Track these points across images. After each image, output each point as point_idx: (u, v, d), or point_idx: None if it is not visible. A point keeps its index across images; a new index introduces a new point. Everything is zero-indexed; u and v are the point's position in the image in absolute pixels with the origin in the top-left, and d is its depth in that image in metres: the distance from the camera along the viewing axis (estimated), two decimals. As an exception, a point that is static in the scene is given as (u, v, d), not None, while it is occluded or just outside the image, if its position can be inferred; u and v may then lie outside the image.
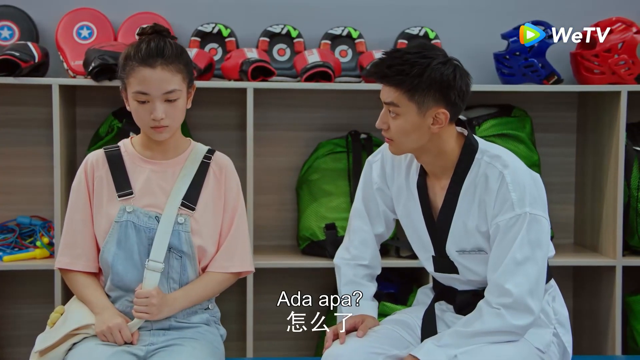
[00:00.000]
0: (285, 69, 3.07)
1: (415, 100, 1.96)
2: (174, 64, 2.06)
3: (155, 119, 2.04)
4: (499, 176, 1.99)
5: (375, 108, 3.17)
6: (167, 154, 2.16)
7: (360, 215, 2.23)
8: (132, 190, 2.11)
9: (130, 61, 2.06)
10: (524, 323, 1.95)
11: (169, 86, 2.05)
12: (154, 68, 2.04)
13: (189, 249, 2.10)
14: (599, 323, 3.07)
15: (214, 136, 3.10)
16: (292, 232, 3.19)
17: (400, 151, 2.06)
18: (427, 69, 1.94)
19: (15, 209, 3.07)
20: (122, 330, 2.03)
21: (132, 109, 2.08)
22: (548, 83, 2.99)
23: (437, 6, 3.20)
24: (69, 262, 2.13)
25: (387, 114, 2.02)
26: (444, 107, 1.97)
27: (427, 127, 1.98)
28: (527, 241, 1.94)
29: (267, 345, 3.17)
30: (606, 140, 3.02)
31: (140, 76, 2.04)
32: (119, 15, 3.08)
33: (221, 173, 2.18)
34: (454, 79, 1.96)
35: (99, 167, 2.14)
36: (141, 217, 2.09)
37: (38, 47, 2.86)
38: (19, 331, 3.14)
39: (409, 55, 1.96)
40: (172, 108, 2.06)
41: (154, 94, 2.04)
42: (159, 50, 2.05)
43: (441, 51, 2.01)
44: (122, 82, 2.10)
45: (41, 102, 3.01)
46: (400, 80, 1.95)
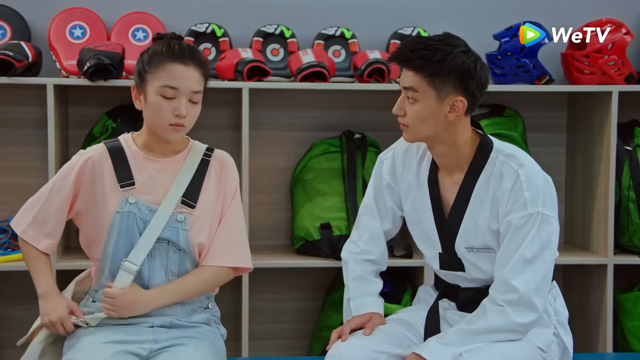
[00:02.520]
0: (279, 69, 3.07)
1: (435, 86, 1.97)
2: (202, 68, 2.11)
3: (180, 115, 2.05)
4: (514, 175, 2.01)
5: (369, 108, 3.24)
6: (167, 153, 2.17)
7: (370, 211, 2.24)
8: (134, 180, 2.11)
9: (159, 56, 2.07)
10: (527, 320, 1.96)
11: (197, 86, 2.09)
12: (187, 66, 2.07)
13: (186, 246, 2.11)
14: (590, 321, 3.10)
15: (208, 136, 3.07)
16: (287, 231, 3.20)
17: (415, 138, 2.06)
18: (449, 55, 1.96)
19: (8, 209, 3.03)
20: (65, 323, 2.08)
21: (152, 105, 2.07)
22: (539, 83, 3.02)
23: (429, 7, 3.22)
24: (33, 237, 2.14)
25: (404, 100, 2.03)
26: (462, 95, 1.99)
27: (444, 114, 2.00)
28: (537, 240, 1.96)
29: (262, 344, 3.17)
30: (597, 139, 3.06)
31: (172, 71, 2.06)
32: (111, 14, 3.06)
33: (222, 169, 2.19)
34: (474, 69, 1.99)
35: (101, 162, 2.13)
36: (142, 210, 2.10)
37: (31, 46, 2.84)
38: (12, 333, 3.11)
39: (432, 41, 1.99)
40: (193, 109, 2.09)
41: (183, 90, 2.06)
42: (192, 51, 2.10)
43: (463, 42, 2.03)
44: (142, 78, 2.09)
45: (34, 102, 2.99)
46: (422, 64, 1.97)
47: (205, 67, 2.13)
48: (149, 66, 2.08)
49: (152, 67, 2.08)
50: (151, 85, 2.08)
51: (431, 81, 1.98)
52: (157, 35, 2.15)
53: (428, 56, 1.96)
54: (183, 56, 2.07)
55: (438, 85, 1.98)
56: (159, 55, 2.08)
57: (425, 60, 1.96)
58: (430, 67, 1.97)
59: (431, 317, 2.12)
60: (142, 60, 2.11)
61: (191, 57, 2.08)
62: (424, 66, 1.97)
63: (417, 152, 2.17)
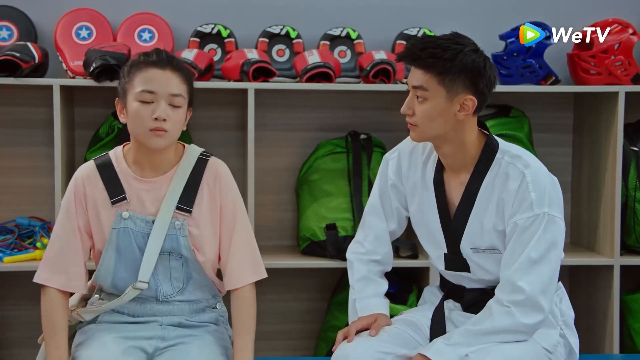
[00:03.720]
0: (285, 70, 3.07)
1: (445, 85, 1.98)
2: (182, 72, 2.07)
3: (158, 118, 1.99)
4: (520, 175, 2.01)
5: (375, 109, 3.24)
6: (158, 170, 2.11)
7: (376, 211, 2.24)
8: (125, 195, 2.08)
9: (137, 64, 2.06)
10: (533, 321, 1.96)
11: (176, 89, 2.04)
12: (164, 70, 2.04)
13: (188, 252, 2.09)
14: (596, 322, 3.09)
15: (214, 136, 3.10)
16: (292, 232, 3.20)
17: (422, 138, 2.06)
18: (460, 54, 1.96)
19: (14, 209, 3.05)
20: None
21: (132, 112, 2.03)
22: (546, 84, 3.01)
23: (435, 7, 3.22)
24: (46, 277, 2.08)
25: (413, 99, 2.03)
26: (472, 94, 1.99)
27: (453, 113, 2.00)
28: (543, 241, 1.96)
29: (267, 345, 3.17)
30: (603, 140, 3.05)
31: (148, 75, 2.03)
32: (117, 15, 3.07)
33: (215, 184, 2.13)
34: (484, 68, 1.99)
35: (90, 181, 2.10)
36: (138, 223, 2.08)
37: (38, 47, 2.85)
38: (18, 333, 3.13)
39: (442, 40, 1.99)
40: (174, 113, 2.03)
41: (161, 93, 2.02)
42: (169, 57, 2.07)
43: (472, 41, 2.03)
44: (122, 89, 2.07)
45: (40, 103, 3.00)
46: (432, 62, 1.97)
47: (186, 71, 2.09)
48: (128, 76, 2.06)
49: (129, 76, 2.05)
50: (130, 93, 2.05)
51: (441, 80, 1.97)
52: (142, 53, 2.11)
53: (438, 55, 1.96)
54: (160, 61, 2.04)
55: (448, 83, 1.97)
56: (136, 64, 2.06)
57: (436, 58, 1.96)
58: (441, 66, 1.96)
59: (436, 317, 2.12)
60: (122, 73, 2.09)
61: (169, 62, 2.05)
62: (435, 64, 1.97)
63: (422, 152, 2.17)
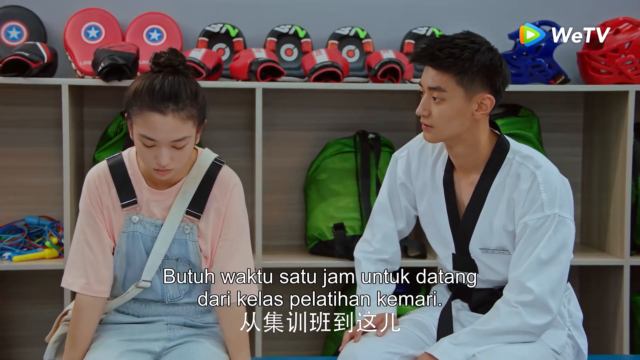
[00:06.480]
0: (293, 69, 3.07)
1: (464, 85, 1.97)
2: (186, 110, 1.92)
3: (160, 164, 1.94)
4: (531, 176, 2.00)
5: (383, 108, 3.23)
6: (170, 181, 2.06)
7: (384, 210, 2.24)
8: (136, 199, 2.06)
9: (139, 100, 1.92)
10: (541, 322, 1.95)
11: (179, 135, 1.92)
12: (165, 115, 1.90)
13: (196, 258, 2.07)
14: (606, 323, 3.08)
15: (222, 136, 3.10)
16: (300, 232, 3.20)
17: (438, 138, 2.05)
18: (477, 53, 1.96)
19: (24, 209, 3.06)
20: None
21: (137, 147, 1.98)
22: (555, 83, 3.00)
23: (444, 6, 3.21)
24: (71, 282, 2.08)
25: (429, 100, 2.01)
26: (489, 93, 1.99)
27: (470, 113, 1.99)
28: (553, 242, 1.95)
29: (275, 344, 3.17)
30: (613, 140, 3.03)
31: (149, 121, 1.90)
32: (126, 15, 3.08)
33: (223, 198, 2.06)
34: (500, 66, 1.99)
35: (102, 183, 2.07)
36: (147, 227, 2.06)
37: (47, 47, 2.86)
38: (28, 331, 3.14)
39: (458, 40, 1.98)
40: (178, 153, 1.95)
41: (162, 141, 1.92)
42: (173, 93, 1.91)
43: (486, 39, 2.03)
44: (127, 114, 1.98)
45: (49, 102, 3.01)
46: (451, 62, 1.96)
47: (195, 104, 1.94)
48: (131, 109, 1.95)
49: (132, 111, 1.94)
50: (133, 126, 1.95)
51: (460, 80, 1.96)
52: (154, 60, 1.98)
53: (457, 54, 1.95)
54: (162, 102, 1.89)
55: (467, 83, 1.97)
56: (139, 97, 1.92)
57: (454, 58, 1.95)
58: (459, 65, 1.95)
59: (444, 317, 2.11)
60: (128, 93, 1.97)
61: (173, 101, 1.90)
62: (454, 64, 1.96)
63: (432, 152, 2.16)
